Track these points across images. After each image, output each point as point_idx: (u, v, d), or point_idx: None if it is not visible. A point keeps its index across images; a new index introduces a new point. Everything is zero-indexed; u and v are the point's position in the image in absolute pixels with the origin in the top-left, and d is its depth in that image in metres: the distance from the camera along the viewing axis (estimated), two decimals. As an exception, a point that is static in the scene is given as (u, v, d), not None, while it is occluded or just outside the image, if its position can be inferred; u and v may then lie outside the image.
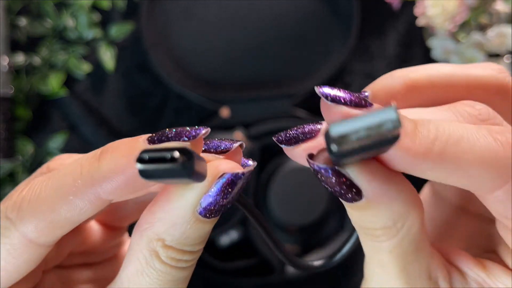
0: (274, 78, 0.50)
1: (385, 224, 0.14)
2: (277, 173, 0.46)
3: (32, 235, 0.15)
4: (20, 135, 0.49)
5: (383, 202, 0.14)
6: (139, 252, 0.15)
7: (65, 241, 0.19)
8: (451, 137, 0.13)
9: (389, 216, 0.14)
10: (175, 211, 0.14)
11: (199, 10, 0.49)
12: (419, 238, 0.15)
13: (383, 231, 0.14)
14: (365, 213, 0.14)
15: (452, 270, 0.16)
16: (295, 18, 0.49)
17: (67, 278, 0.20)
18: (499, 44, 0.43)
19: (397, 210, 0.14)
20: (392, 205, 0.14)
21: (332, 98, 0.14)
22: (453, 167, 0.13)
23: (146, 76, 0.51)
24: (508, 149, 0.13)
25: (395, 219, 0.14)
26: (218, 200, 0.14)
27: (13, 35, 0.49)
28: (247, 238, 0.48)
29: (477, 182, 0.13)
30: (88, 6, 0.49)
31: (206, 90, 0.49)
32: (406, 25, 0.53)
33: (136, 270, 0.15)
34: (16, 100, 0.48)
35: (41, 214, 0.14)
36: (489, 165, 0.13)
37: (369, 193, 0.14)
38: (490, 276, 0.15)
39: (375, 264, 0.16)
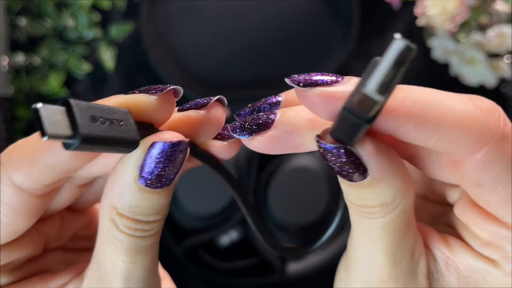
0: (274, 78, 0.50)
1: (385, 201, 0.15)
2: (277, 173, 0.46)
3: (18, 179, 0.15)
4: (20, 135, 0.49)
5: (387, 179, 0.14)
6: (103, 221, 0.16)
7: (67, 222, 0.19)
8: (432, 100, 0.13)
9: (390, 193, 0.14)
10: (120, 179, 0.15)
11: (199, 11, 0.49)
12: (410, 216, 0.15)
13: (380, 208, 0.15)
14: (366, 191, 0.15)
15: (427, 251, 0.16)
16: (295, 19, 0.49)
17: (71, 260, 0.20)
18: (499, 44, 0.43)
19: (397, 187, 0.14)
20: (394, 182, 0.14)
21: (304, 83, 0.14)
22: (433, 129, 0.13)
23: (146, 76, 0.51)
24: (487, 114, 0.14)
25: (394, 196, 0.15)
26: (153, 169, 0.14)
27: (13, 35, 0.49)
28: (247, 238, 0.48)
29: (456, 144, 0.13)
30: (88, 6, 0.49)
31: (206, 90, 0.49)
32: (406, 25, 0.53)
33: (103, 239, 0.16)
34: (16, 100, 0.48)
35: (25, 157, 0.15)
36: (468, 128, 0.13)
37: (375, 171, 0.14)
38: (453, 253, 0.16)
39: (364, 240, 0.16)
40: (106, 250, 0.16)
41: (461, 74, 0.46)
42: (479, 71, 0.45)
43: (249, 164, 0.47)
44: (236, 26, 0.49)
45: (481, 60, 0.44)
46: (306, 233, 0.47)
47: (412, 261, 0.16)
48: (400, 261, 0.16)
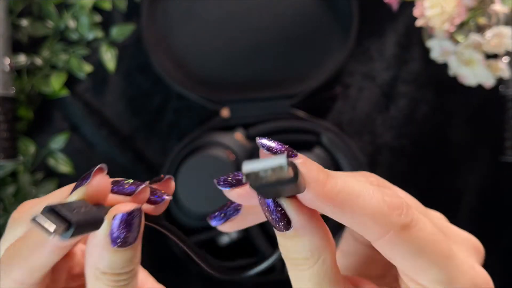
0: (274, 79, 0.50)
1: (306, 255, 0.18)
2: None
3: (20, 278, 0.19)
4: (21, 135, 0.49)
5: (306, 234, 0.18)
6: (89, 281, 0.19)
7: (58, 268, 0.21)
8: (353, 192, 0.17)
9: (309, 247, 0.18)
10: (97, 247, 0.18)
11: (199, 11, 0.49)
12: (333, 271, 0.18)
13: (303, 261, 0.18)
14: (291, 242, 0.18)
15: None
16: (295, 20, 0.49)
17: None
18: (498, 44, 0.43)
19: (315, 243, 0.18)
20: (313, 238, 0.18)
21: (266, 147, 0.18)
22: (350, 215, 0.17)
23: (146, 76, 0.51)
24: (391, 209, 0.17)
25: (313, 251, 0.18)
26: (119, 235, 0.18)
27: (14, 36, 0.49)
28: (246, 237, 0.48)
29: (367, 229, 0.18)
30: (89, 7, 0.49)
31: (206, 90, 0.49)
32: (405, 26, 0.53)
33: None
34: (17, 100, 0.48)
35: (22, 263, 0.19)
36: (375, 219, 0.17)
37: (296, 224, 0.18)
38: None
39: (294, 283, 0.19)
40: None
41: (460, 75, 0.46)
42: (477, 72, 0.45)
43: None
44: (236, 27, 0.49)
45: (480, 60, 0.44)
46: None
47: None
48: None
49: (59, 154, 0.50)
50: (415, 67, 0.53)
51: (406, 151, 0.52)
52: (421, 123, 0.53)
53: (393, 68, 0.53)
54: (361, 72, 0.53)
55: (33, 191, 0.49)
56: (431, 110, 0.53)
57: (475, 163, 0.53)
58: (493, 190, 0.53)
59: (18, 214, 0.21)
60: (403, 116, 0.53)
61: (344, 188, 0.17)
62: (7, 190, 0.48)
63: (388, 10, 0.48)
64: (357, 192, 0.17)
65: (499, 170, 0.53)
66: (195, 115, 0.52)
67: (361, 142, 0.52)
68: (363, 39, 0.53)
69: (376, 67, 0.53)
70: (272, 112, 0.49)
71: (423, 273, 0.18)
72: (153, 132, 0.51)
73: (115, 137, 0.51)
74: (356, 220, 0.17)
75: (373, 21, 0.52)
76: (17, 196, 0.48)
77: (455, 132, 0.53)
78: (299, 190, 0.17)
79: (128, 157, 0.51)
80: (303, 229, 0.18)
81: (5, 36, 0.46)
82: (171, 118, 0.52)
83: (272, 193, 0.17)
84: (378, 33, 0.53)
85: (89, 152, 0.51)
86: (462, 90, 0.48)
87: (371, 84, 0.53)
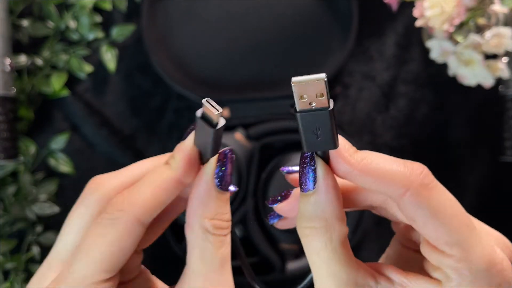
0: (274, 79, 0.50)
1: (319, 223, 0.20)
2: (277, 173, 0.47)
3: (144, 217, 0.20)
4: (22, 135, 0.49)
5: (324, 199, 0.20)
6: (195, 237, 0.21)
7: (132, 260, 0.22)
8: (374, 160, 0.20)
9: (324, 214, 0.20)
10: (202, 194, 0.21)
11: (199, 12, 0.49)
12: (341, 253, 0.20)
13: (317, 230, 0.20)
14: (309, 205, 0.20)
15: (381, 278, 0.21)
16: (295, 20, 0.49)
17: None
18: (497, 45, 0.43)
19: (330, 212, 0.20)
20: (329, 205, 0.20)
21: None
22: (374, 177, 0.20)
23: (147, 77, 0.51)
24: (411, 170, 0.19)
25: (327, 220, 0.20)
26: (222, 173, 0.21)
27: (15, 36, 0.49)
28: (247, 237, 0.48)
29: (390, 187, 0.20)
30: (89, 8, 0.49)
31: (206, 90, 0.49)
32: (404, 26, 0.53)
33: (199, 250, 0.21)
34: (18, 100, 0.48)
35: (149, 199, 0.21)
36: (397, 176, 0.19)
37: (320, 183, 0.20)
38: (410, 279, 0.20)
39: (310, 262, 0.21)
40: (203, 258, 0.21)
41: (459, 75, 0.46)
42: (477, 72, 0.45)
43: (249, 164, 0.47)
44: (236, 27, 0.49)
45: (479, 61, 0.44)
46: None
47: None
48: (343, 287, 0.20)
49: (60, 154, 0.50)
50: (415, 67, 0.53)
51: (406, 151, 0.52)
52: (420, 123, 0.53)
53: (393, 68, 0.53)
54: (361, 72, 0.53)
55: (33, 191, 0.49)
56: (431, 110, 0.53)
57: (474, 163, 0.54)
58: (493, 189, 0.53)
59: (89, 189, 0.22)
60: (403, 116, 0.53)
61: (369, 155, 0.20)
62: (7, 190, 0.48)
63: (388, 10, 0.48)
64: (380, 160, 0.20)
65: (499, 170, 0.53)
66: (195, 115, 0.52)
67: (361, 142, 0.52)
68: (363, 39, 0.53)
69: (376, 67, 0.53)
70: (272, 112, 0.49)
71: (442, 236, 0.19)
72: (154, 132, 0.52)
73: (115, 137, 0.51)
74: (380, 180, 0.19)
75: (373, 21, 0.53)
76: (17, 196, 0.48)
77: (455, 132, 0.53)
78: (331, 143, 0.19)
79: (129, 157, 0.51)
80: (322, 194, 0.20)
81: (6, 36, 0.46)
82: (171, 118, 0.52)
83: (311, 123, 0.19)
84: (378, 33, 0.53)
85: (90, 152, 0.51)
86: (462, 90, 0.49)
87: (371, 84, 0.53)
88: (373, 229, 0.51)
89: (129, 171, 0.23)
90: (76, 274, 0.20)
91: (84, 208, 0.22)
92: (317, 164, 0.21)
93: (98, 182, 0.23)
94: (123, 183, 0.22)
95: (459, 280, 0.19)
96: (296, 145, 0.49)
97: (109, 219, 0.20)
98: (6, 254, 0.48)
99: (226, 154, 0.22)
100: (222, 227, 0.21)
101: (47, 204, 0.49)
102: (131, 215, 0.20)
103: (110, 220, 0.20)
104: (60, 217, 0.50)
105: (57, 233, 0.50)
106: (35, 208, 0.49)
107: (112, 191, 0.22)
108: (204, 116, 0.20)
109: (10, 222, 0.48)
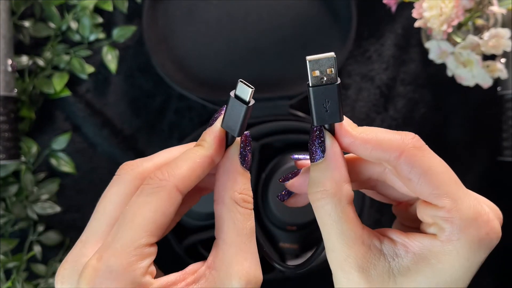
0: (273, 80, 0.50)
1: (328, 186, 0.22)
2: (277, 173, 0.47)
3: (183, 187, 0.23)
4: (23, 135, 0.50)
5: (332, 166, 0.23)
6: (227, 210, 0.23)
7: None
8: (373, 131, 0.23)
9: (332, 179, 0.23)
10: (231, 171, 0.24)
11: (200, 13, 0.50)
12: (349, 214, 0.22)
13: (326, 193, 0.22)
14: (319, 172, 0.23)
15: (384, 239, 0.23)
16: (294, 21, 0.50)
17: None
18: (495, 46, 0.44)
19: (338, 177, 0.23)
20: (336, 171, 0.23)
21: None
22: (373, 145, 0.22)
23: (148, 77, 0.51)
24: (405, 136, 0.22)
25: (335, 183, 0.22)
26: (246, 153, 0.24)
27: (17, 37, 0.49)
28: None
29: (387, 152, 0.22)
30: (90, 9, 0.49)
31: (207, 91, 0.50)
32: (403, 27, 0.53)
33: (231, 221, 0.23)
34: (20, 101, 0.49)
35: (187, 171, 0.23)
36: (392, 142, 0.22)
37: (329, 152, 0.23)
38: (410, 238, 0.22)
39: (321, 227, 0.23)
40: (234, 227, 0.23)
41: (458, 75, 0.47)
42: (475, 73, 0.45)
43: (249, 164, 0.48)
44: (236, 28, 0.50)
45: (477, 61, 0.44)
46: (305, 231, 0.48)
47: (363, 246, 0.22)
48: (352, 245, 0.22)
49: (61, 154, 0.50)
50: (414, 68, 0.53)
51: (405, 151, 0.52)
52: (419, 124, 0.53)
53: (391, 69, 0.53)
54: (360, 73, 0.53)
55: (35, 190, 0.49)
56: (430, 110, 0.53)
57: (473, 163, 0.54)
58: (491, 189, 0.53)
59: (123, 169, 0.24)
60: (402, 116, 0.53)
61: (367, 128, 0.23)
62: (9, 189, 0.48)
63: (386, 11, 0.49)
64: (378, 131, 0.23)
65: (497, 170, 0.53)
66: (195, 116, 0.52)
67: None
68: (362, 40, 0.53)
69: (374, 68, 0.53)
70: (272, 113, 0.49)
71: (434, 190, 0.21)
72: (154, 132, 0.52)
73: (116, 137, 0.51)
74: (377, 148, 0.22)
75: (371, 22, 0.53)
76: (19, 196, 0.49)
77: (453, 132, 0.54)
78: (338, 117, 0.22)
79: (130, 157, 0.51)
80: (330, 160, 0.23)
81: (7, 37, 0.46)
82: (172, 118, 0.52)
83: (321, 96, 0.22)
84: (376, 34, 0.53)
85: (91, 152, 0.51)
86: (460, 90, 0.49)
87: (370, 85, 0.53)
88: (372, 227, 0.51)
89: (159, 156, 0.25)
90: (123, 240, 0.21)
91: (120, 186, 0.24)
92: (325, 136, 0.23)
93: (131, 164, 0.24)
94: (155, 165, 0.24)
95: (451, 229, 0.21)
96: (295, 145, 0.49)
97: (152, 188, 0.22)
98: (8, 254, 0.48)
99: (248, 136, 0.24)
100: (249, 201, 0.24)
101: (49, 203, 0.49)
102: (171, 185, 0.22)
103: (153, 189, 0.22)
104: (61, 217, 0.51)
105: (58, 232, 0.50)
106: (37, 208, 0.49)
107: (146, 171, 0.24)
108: (237, 96, 0.23)
109: (11, 222, 0.49)
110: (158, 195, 0.22)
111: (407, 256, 0.22)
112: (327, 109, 0.22)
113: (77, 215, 0.51)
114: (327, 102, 0.22)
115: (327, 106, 0.22)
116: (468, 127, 0.54)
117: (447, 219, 0.21)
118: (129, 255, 0.21)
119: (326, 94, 0.22)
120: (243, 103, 0.23)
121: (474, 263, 0.21)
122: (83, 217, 0.51)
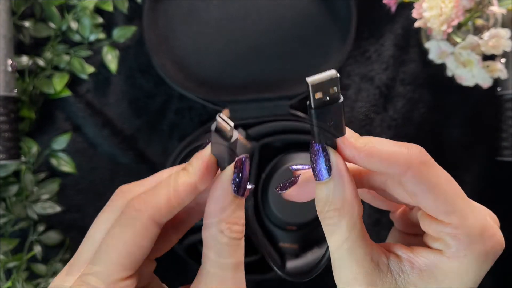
0: (273, 80, 0.50)
1: (337, 205, 0.22)
2: (276, 173, 0.47)
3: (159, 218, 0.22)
4: (24, 135, 0.50)
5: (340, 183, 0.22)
6: (211, 239, 0.22)
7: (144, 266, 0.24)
8: (377, 144, 0.22)
9: (341, 198, 0.22)
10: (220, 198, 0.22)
11: (200, 13, 0.50)
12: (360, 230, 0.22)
13: (335, 212, 0.22)
14: (326, 187, 0.22)
15: (390, 255, 0.22)
16: (294, 21, 0.50)
17: None
18: (495, 46, 0.44)
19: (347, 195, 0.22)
20: (345, 190, 0.22)
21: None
22: (377, 159, 0.21)
23: (148, 77, 0.52)
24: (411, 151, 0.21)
25: (344, 202, 0.22)
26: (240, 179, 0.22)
27: (17, 37, 0.49)
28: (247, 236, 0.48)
29: (393, 167, 0.21)
30: (91, 9, 0.49)
31: (207, 91, 0.50)
32: (403, 27, 0.53)
33: (215, 251, 0.22)
34: (20, 101, 0.49)
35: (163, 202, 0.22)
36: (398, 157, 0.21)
37: (335, 171, 0.22)
38: (415, 253, 0.22)
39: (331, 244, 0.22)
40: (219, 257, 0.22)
41: (457, 76, 0.47)
42: (475, 73, 0.45)
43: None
44: (236, 29, 0.50)
45: (477, 61, 0.44)
46: (305, 232, 0.48)
47: (372, 263, 0.22)
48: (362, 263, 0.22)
49: (61, 154, 0.50)
50: (413, 68, 0.53)
51: (405, 151, 0.52)
52: (419, 124, 0.53)
53: (391, 69, 0.53)
54: (360, 73, 0.53)
55: (35, 190, 0.49)
56: (429, 110, 0.53)
57: (472, 163, 0.54)
58: (491, 189, 0.53)
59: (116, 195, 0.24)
60: (401, 116, 0.53)
61: (371, 140, 0.22)
62: (9, 189, 0.49)
63: (386, 11, 0.49)
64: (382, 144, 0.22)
65: (496, 170, 0.53)
66: (195, 116, 0.52)
67: (360, 142, 0.52)
68: (362, 41, 0.53)
69: (374, 68, 0.53)
70: (272, 113, 0.49)
71: (441, 206, 0.21)
72: (155, 132, 0.52)
73: (117, 137, 0.51)
74: (383, 162, 0.21)
75: (371, 22, 0.53)
76: (19, 196, 0.49)
77: (453, 132, 0.54)
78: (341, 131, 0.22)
79: (130, 157, 0.51)
80: (339, 179, 0.22)
81: (8, 37, 0.46)
82: (172, 118, 0.52)
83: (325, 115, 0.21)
84: (376, 35, 0.53)
85: (91, 152, 0.51)
86: (460, 90, 0.49)
87: (370, 85, 0.53)
88: (371, 229, 0.52)
89: (153, 179, 0.24)
90: (98, 275, 0.21)
91: (110, 213, 0.23)
92: (330, 153, 0.22)
93: (124, 189, 0.24)
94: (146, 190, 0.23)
95: (457, 245, 0.21)
96: (295, 145, 0.49)
97: (127, 219, 0.21)
98: (8, 254, 0.48)
99: (244, 161, 0.23)
100: (238, 230, 0.23)
101: (49, 203, 0.49)
102: (146, 216, 0.21)
103: (127, 220, 0.21)
104: (61, 217, 0.51)
105: (58, 232, 0.50)
106: (37, 208, 0.49)
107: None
108: (218, 130, 0.21)
109: (12, 222, 0.49)
110: (133, 227, 0.21)
111: (413, 272, 0.22)
112: (330, 126, 0.21)
113: (78, 215, 0.51)
114: (331, 121, 0.21)
115: (332, 124, 0.21)
116: (467, 127, 0.54)
117: (454, 236, 0.21)
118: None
119: (329, 113, 0.21)
120: (224, 139, 0.21)
121: (480, 276, 0.22)
122: (83, 217, 0.51)
